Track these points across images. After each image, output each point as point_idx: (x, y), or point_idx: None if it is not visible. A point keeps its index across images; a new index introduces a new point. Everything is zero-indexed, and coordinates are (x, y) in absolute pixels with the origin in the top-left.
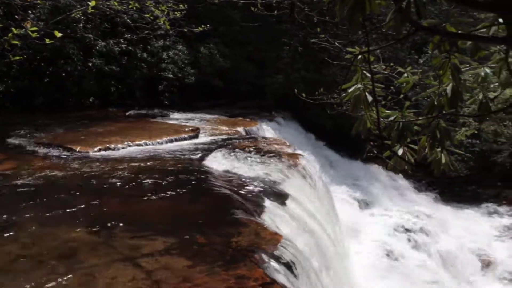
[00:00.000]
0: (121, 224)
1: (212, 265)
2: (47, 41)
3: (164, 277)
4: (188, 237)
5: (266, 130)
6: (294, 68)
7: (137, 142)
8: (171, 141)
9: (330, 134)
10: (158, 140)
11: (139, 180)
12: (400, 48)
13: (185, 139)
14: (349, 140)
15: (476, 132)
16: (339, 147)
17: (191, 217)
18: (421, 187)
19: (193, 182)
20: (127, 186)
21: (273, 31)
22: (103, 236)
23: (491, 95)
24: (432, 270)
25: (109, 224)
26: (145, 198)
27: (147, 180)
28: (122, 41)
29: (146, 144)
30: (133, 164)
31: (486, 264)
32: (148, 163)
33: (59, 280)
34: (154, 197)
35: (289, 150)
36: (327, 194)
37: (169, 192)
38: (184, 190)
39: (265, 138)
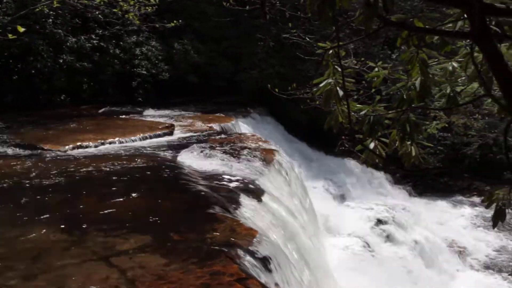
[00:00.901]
0: (94, 223)
1: (187, 262)
2: (10, 36)
3: (138, 275)
4: (162, 234)
5: (242, 126)
6: (269, 64)
7: (111, 140)
8: (145, 138)
9: (306, 129)
10: (132, 138)
11: (112, 178)
12: (373, 43)
13: (159, 136)
14: (324, 135)
15: (447, 125)
16: (315, 141)
17: (165, 214)
18: (395, 180)
19: (167, 179)
20: (100, 185)
21: (248, 27)
22: (76, 235)
23: (459, 89)
24: (407, 260)
25: (81, 224)
26: (119, 196)
27: (121, 178)
28: (93, 37)
29: (120, 142)
30: (106, 162)
31: (458, 253)
32: (122, 161)
33: (30, 282)
34: (128, 195)
35: (265, 146)
36: (302, 189)
37: (143, 190)
38: (158, 188)
39: (241, 134)
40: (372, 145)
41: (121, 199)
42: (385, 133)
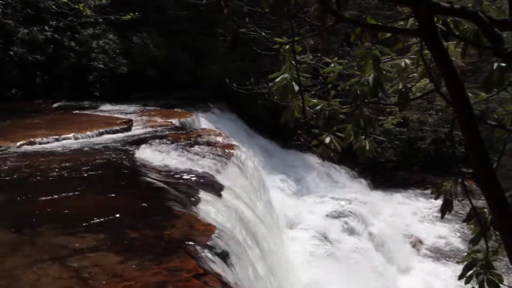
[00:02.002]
0: (46, 222)
1: (143, 259)
2: None
3: (93, 274)
4: (118, 232)
5: (202, 121)
6: (229, 59)
7: (65, 136)
8: (102, 134)
9: (266, 124)
10: (88, 133)
11: (66, 175)
12: (333, 40)
13: (117, 131)
14: (284, 130)
15: (402, 120)
16: (275, 136)
17: (122, 211)
18: (354, 174)
19: (124, 176)
20: (53, 182)
21: (209, 21)
22: (26, 235)
23: (410, 84)
24: (365, 252)
25: (33, 223)
26: (73, 193)
27: (76, 175)
28: (47, 28)
29: (75, 138)
30: (60, 158)
31: (414, 244)
32: (77, 157)
33: None
34: (83, 193)
35: (224, 141)
36: (262, 183)
37: (99, 187)
38: (115, 184)
39: (201, 129)
40: (327, 140)
41: (76, 197)
42: (340, 127)
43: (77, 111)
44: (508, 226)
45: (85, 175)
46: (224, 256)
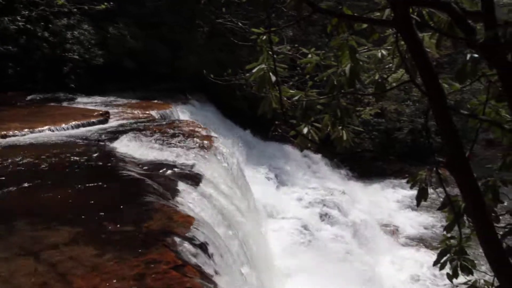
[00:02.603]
0: (21, 217)
1: (121, 252)
2: None
3: (69, 268)
4: (96, 225)
5: (181, 113)
6: (208, 50)
7: (40, 129)
8: (78, 126)
9: (246, 115)
10: (64, 126)
11: (42, 169)
12: (311, 31)
13: (93, 124)
14: (264, 121)
15: (379, 111)
16: (254, 128)
17: (99, 204)
18: (333, 164)
19: (102, 168)
20: (28, 176)
21: (187, 12)
22: (1, 230)
23: (386, 75)
24: (345, 242)
25: (7, 218)
26: (49, 187)
27: (51, 169)
28: (19, 18)
29: (50, 130)
30: (35, 152)
31: (391, 233)
32: (52, 151)
33: None
34: (59, 186)
35: (203, 133)
36: (241, 175)
37: (75, 180)
38: (92, 177)
39: (179, 121)
40: (305, 130)
41: (52, 191)
42: (318, 118)
43: (52, 103)
44: (479, 214)
45: (61, 168)
46: (203, 247)
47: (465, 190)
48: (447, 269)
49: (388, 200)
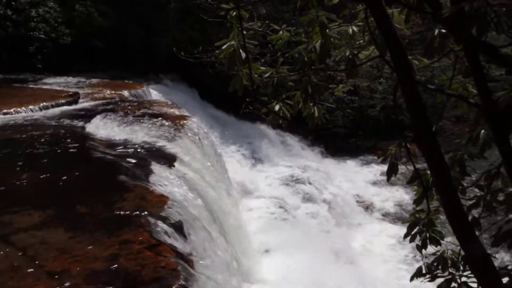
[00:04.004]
0: None
1: (94, 234)
2: None
3: (40, 252)
4: (67, 208)
5: (153, 93)
6: (181, 29)
7: (5, 110)
8: (47, 107)
9: (219, 94)
10: (31, 107)
11: (8, 152)
12: (285, 9)
13: (62, 105)
14: (237, 99)
15: (352, 88)
16: (228, 107)
17: (70, 187)
18: (308, 142)
19: (72, 150)
20: None
21: None
22: None
23: (357, 51)
24: (320, 218)
25: None
26: (18, 170)
27: (19, 152)
28: None
29: (17, 112)
30: (1, 135)
31: (365, 208)
32: (20, 133)
33: None
34: (28, 169)
35: (176, 112)
36: (216, 154)
37: (45, 163)
38: (63, 159)
39: (152, 101)
40: (277, 107)
41: (21, 174)
42: (289, 95)
43: (18, 84)
44: (445, 187)
45: (30, 151)
46: (178, 226)
47: (432, 164)
48: (417, 241)
49: (362, 176)
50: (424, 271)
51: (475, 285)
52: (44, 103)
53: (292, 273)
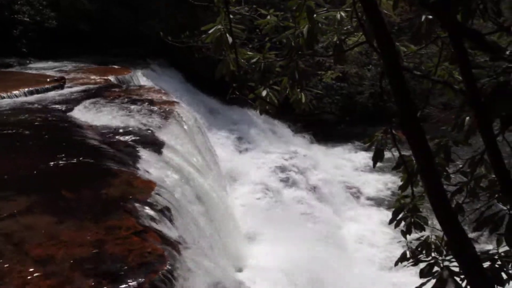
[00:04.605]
0: None
1: (80, 220)
2: None
3: (26, 238)
4: (53, 193)
5: (141, 78)
6: (169, 13)
7: None
8: (32, 93)
9: (208, 80)
10: (16, 92)
11: None
12: None
13: (48, 90)
14: (226, 85)
15: (341, 75)
16: (217, 93)
17: (57, 173)
18: (297, 129)
19: (58, 136)
20: None
21: None
22: None
23: (344, 37)
24: (307, 204)
25: None
26: (3, 156)
27: (5, 137)
28: None
29: (1, 97)
30: None
31: (353, 194)
32: (5, 119)
33: None
34: (13, 155)
35: (164, 98)
36: (205, 140)
37: (31, 148)
38: (48, 145)
39: (139, 86)
40: (264, 93)
41: (6, 160)
42: (277, 80)
43: (2, 69)
44: (429, 173)
45: (14, 136)
46: (165, 212)
47: (416, 150)
48: (402, 227)
49: (350, 163)
50: (408, 256)
51: (457, 269)
52: (29, 88)
53: (280, 257)
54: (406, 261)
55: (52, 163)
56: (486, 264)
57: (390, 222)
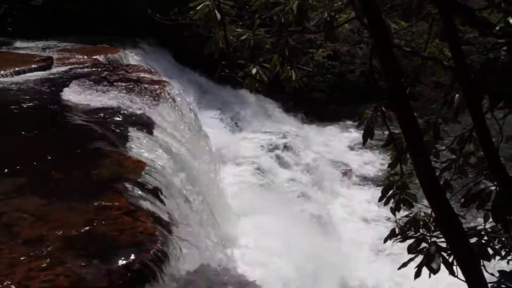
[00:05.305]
0: None
1: (70, 200)
2: None
3: (14, 219)
4: (42, 174)
5: (130, 57)
6: None
7: None
8: (18, 73)
9: (198, 59)
10: (2, 72)
11: None
12: None
13: (35, 70)
14: (216, 64)
15: (332, 53)
16: (208, 72)
17: (46, 153)
18: (288, 108)
19: (47, 116)
20: None
21: None
22: None
23: (334, 13)
24: (299, 184)
25: None
26: None
27: None
28: None
29: None
30: None
31: (344, 173)
32: None
33: None
34: (2, 136)
35: (154, 77)
36: (196, 120)
37: (19, 129)
38: (37, 125)
39: (129, 65)
40: (254, 71)
41: None
42: (267, 58)
43: None
44: (418, 150)
45: (2, 117)
46: (156, 192)
47: (405, 128)
48: (392, 204)
49: (342, 141)
50: (397, 232)
51: (444, 245)
52: (16, 68)
53: (271, 237)
54: (395, 237)
55: (41, 143)
56: (474, 240)
57: (380, 199)
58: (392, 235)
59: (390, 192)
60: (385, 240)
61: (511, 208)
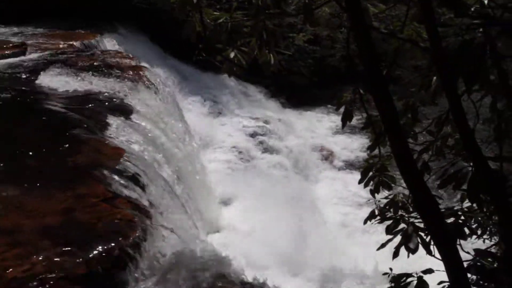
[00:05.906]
0: None
1: (47, 189)
2: None
3: None
4: (18, 162)
5: (108, 42)
6: None
7: None
8: None
9: (178, 43)
10: None
11: None
12: None
13: (8, 56)
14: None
15: (312, 37)
16: (188, 56)
17: (21, 141)
18: (270, 93)
19: (22, 104)
20: None
21: None
22: None
23: None
24: (281, 168)
25: None
26: None
27: None
28: None
29: None
30: None
31: (326, 157)
32: None
33: None
34: None
35: (133, 63)
36: (176, 106)
37: None
38: (12, 113)
39: (106, 51)
40: (232, 55)
41: None
42: (245, 42)
43: None
44: (394, 133)
45: None
46: (135, 178)
47: (382, 110)
48: (371, 186)
49: (323, 125)
50: (377, 214)
51: (422, 225)
52: None
53: (254, 221)
54: (374, 219)
55: (16, 131)
56: (451, 220)
57: (360, 182)
58: (371, 216)
59: (370, 174)
60: (365, 222)
61: (485, 188)
